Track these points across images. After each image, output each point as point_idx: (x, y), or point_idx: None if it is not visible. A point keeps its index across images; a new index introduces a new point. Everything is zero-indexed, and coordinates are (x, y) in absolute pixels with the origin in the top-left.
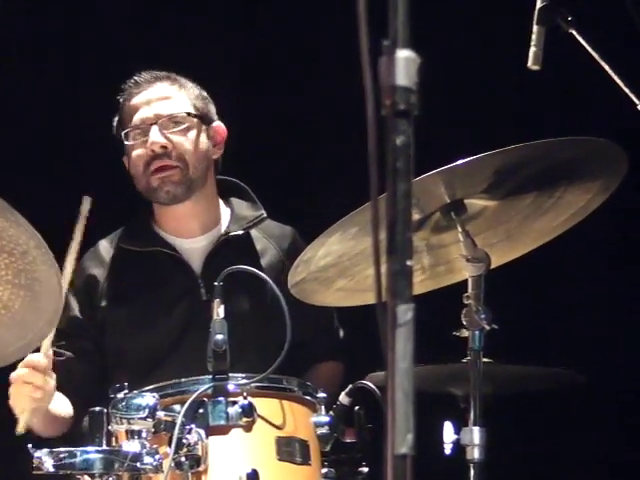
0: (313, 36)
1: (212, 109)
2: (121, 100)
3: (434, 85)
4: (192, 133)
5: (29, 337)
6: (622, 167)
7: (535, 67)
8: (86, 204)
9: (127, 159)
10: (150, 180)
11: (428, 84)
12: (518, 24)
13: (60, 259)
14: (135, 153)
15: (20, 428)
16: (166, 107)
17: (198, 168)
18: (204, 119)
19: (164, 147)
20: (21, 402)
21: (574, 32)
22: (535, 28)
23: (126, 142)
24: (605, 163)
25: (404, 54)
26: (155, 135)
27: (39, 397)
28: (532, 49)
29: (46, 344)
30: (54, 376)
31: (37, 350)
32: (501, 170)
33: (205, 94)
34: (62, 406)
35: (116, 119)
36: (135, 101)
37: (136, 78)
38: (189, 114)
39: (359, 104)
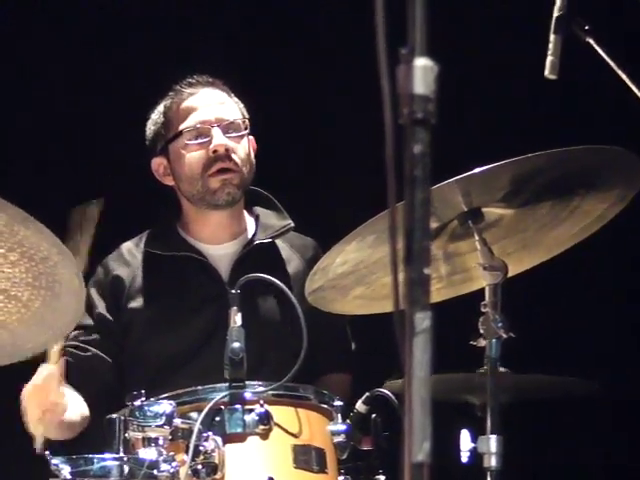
0: (330, 43)
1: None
2: (170, 100)
3: (451, 92)
4: (245, 140)
5: (48, 335)
6: (639, 175)
7: (552, 76)
8: (98, 206)
9: (169, 159)
10: (209, 181)
11: (446, 92)
12: (536, 32)
13: None
14: (193, 154)
15: (38, 445)
16: (225, 112)
17: (249, 175)
18: (247, 129)
19: (227, 150)
20: (34, 420)
21: (591, 41)
22: (552, 37)
23: (177, 141)
24: (622, 172)
25: (422, 62)
26: (220, 137)
27: (51, 415)
28: (549, 58)
29: (55, 355)
30: (64, 389)
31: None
32: (518, 178)
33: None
34: (76, 410)
35: (159, 118)
36: (192, 102)
37: (189, 80)
38: (244, 122)
39: (377, 112)
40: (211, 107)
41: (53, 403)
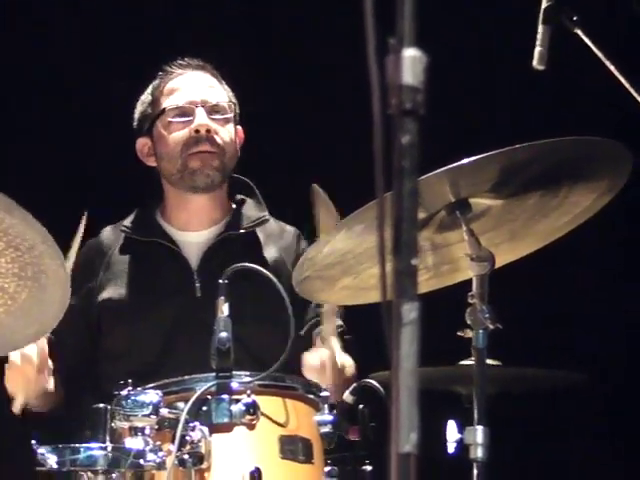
0: (318, 34)
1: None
2: (159, 80)
3: (439, 83)
4: (230, 126)
5: (36, 326)
6: (627, 167)
7: (540, 67)
8: (83, 220)
9: (152, 139)
10: (189, 161)
11: (434, 82)
12: (524, 23)
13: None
14: (174, 133)
15: (15, 409)
16: (212, 94)
17: (231, 160)
18: (236, 117)
19: (209, 131)
20: (14, 387)
21: (579, 32)
22: (540, 28)
23: (161, 120)
24: (609, 163)
25: (411, 53)
26: (202, 117)
27: (31, 387)
28: (537, 49)
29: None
30: (49, 364)
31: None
32: (506, 169)
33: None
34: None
35: (148, 97)
36: (179, 82)
37: (180, 61)
38: (230, 106)
39: (365, 102)
40: (198, 88)
41: (41, 375)
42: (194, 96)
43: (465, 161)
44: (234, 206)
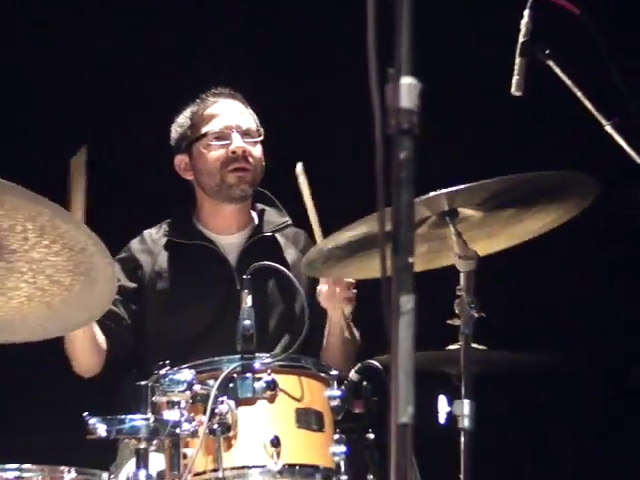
0: (329, 64)
1: None
2: (197, 107)
3: (431, 112)
4: (258, 147)
5: (87, 313)
6: (592, 190)
7: (517, 93)
8: (82, 155)
9: (191, 157)
10: (226, 177)
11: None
12: (506, 57)
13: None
14: (213, 152)
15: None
16: (244, 120)
17: (259, 176)
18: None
19: (244, 152)
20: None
21: (551, 63)
22: (517, 60)
23: (202, 140)
24: (575, 189)
25: (407, 81)
26: (238, 140)
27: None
28: (515, 77)
29: None
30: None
31: None
32: (492, 193)
33: None
34: (101, 340)
35: (185, 122)
36: (216, 109)
37: (214, 91)
38: (258, 131)
39: (368, 123)
40: (232, 115)
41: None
42: (230, 122)
43: (462, 187)
44: (257, 213)
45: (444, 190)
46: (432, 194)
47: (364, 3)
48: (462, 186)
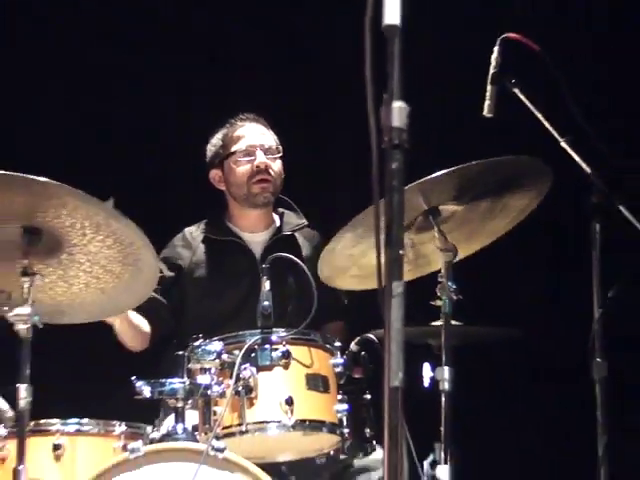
0: (332, 90)
1: None
2: (227, 129)
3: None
4: (278, 162)
5: (134, 297)
6: (548, 180)
7: (489, 115)
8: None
9: (223, 171)
10: (252, 188)
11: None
12: (478, 84)
13: None
14: (241, 167)
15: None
16: (266, 140)
17: (279, 186)
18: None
19: (266, 166)
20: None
21: (516, 91)
22: (489, 87)
23: (231, 157)
24: (535, 176)
25: (398, 104)
26: (262, 157)
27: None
28: (486, 102)
29: None
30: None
31: None
32: (463, 181)
33: None
34: (143, 324)
35: (218, 142)
36: (242, 131)
37: (240, 116)
38: (277, 148)
39: (366, 138)
40: (256, 135)
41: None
42: (254, 141)
43: (432, 175)
44: (278, 216)
45: (416, 182)
46: (406, 187)
47: (362, 33)
48: (432, 175)
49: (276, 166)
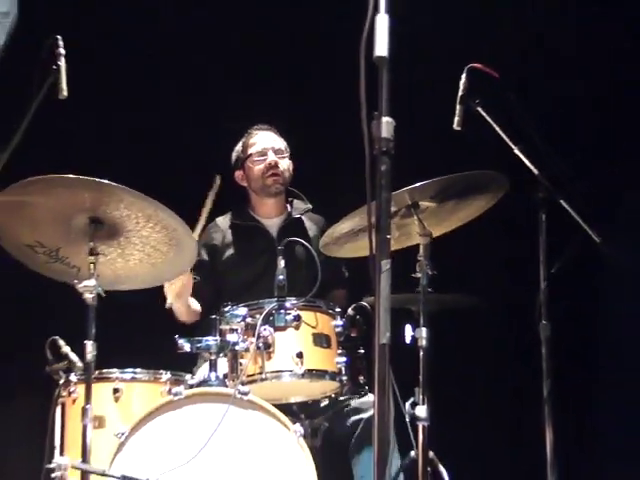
0: (334, 105)
1: None
2: (246, 137)
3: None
4: (286, 160)
5: (176, 269)
6: (504, 186)
7: (457, 128)
8: (217, 182)
9: (244, 170)
10: (266, 180)
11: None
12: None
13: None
14: (257, 166)
15: (167, 305)
16: (276, 143)
17: (288, 179)
18: (289, 155)
19: (276, 164)
20: (168, 293)
21: (480, 110)
22: (457, 106)
23: (249, 159)
24: (493, 184)
25: (386, 119)
26: (273, 156)
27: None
28: (456, 118)
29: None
30: (189, 288)
31: None
32: (438, 188)
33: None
34: (195, 305)
35: (239, 148)
36: (257, 138)
37: (256, 126)
38: (285, 149)
39: (361, 146)
40: (268, 140)
41: (184, 289)
42: (266, 145)
43: (417, 184)
44: (289, 204)
45: (406, 187)
46: (397, 192)
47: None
48: (418, 184)
49: (284, 164)
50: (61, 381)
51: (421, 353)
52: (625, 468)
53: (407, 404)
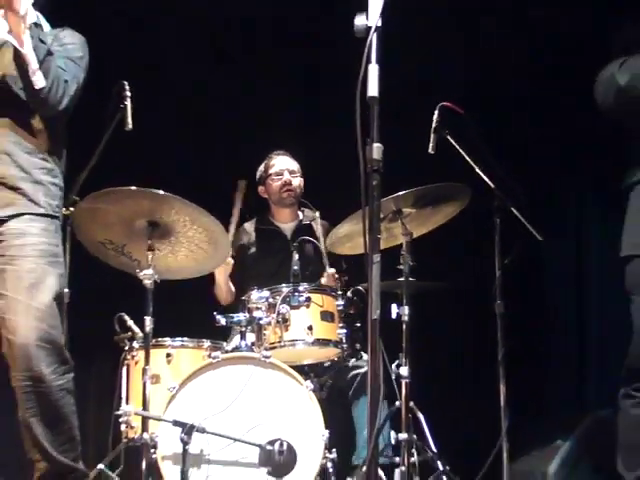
0: (334, 134)
1: None
2: (267, 161)
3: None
4: (298, 178)
5: (215, 261)
6: (468, 195)
7: (432, 152)
8: (242, 185)
9: (265, 186)
10: (282, 195)
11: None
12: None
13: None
14: (275, 183)
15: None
16: (290, 165)
17: (300, 193)
18: (301, 174)
19: (290, 182)
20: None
21: (449, 138)
22: (432, 135)
23: (269, 178)
24: (460, 193)
25: (377, 145)
26: (287, 175)
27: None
28: (431, 144)
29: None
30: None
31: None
32: (417, 197)
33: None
34: (232, 287)
35: (262, 169)
36: (275, 162)
37: (275, 152)
38: (298, 170)
39: (357, 165)
40: (284, 163)
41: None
42: (282, 167)
43: (399, 193)
44: (299, 212)
45: (390, 196)
46: (384, 199)
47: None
48: (399, 193)
49: (297, 181)
50: (126, 348)
51: (404, 326)
52: (562, 413)
53: (393, 365)
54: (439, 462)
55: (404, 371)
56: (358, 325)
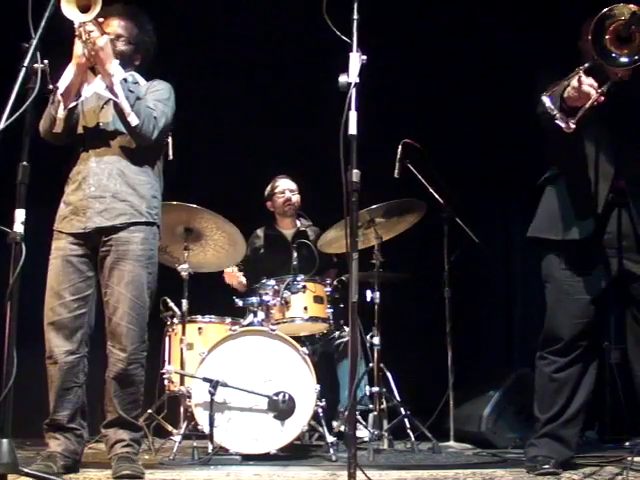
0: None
1: None
2: (273, 182)
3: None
4: (297, 195)
5: (232, 260)
6: (424, 208)
7: (397, 176)
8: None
9: (272, 201)
10: (285, 208)
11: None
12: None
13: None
14: (279, 199)
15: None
16: (291, 185)
17: (298, 207)
18: (299, 191)
19: (290, 198)
20: (229, 279)
21: (410, 166)
22: (397, 164)
23: (274, 195)
24: (418, 207)
25: (355, 171)
26: (289, 194)
27: (236, 280)
28: (396, 171)
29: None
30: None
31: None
32: (385, 210)
33: None
34: (244, 280)
35: (269, 189)
36: (279, 183)
37: (279, 175)
38: (297, 189)
39: (340, 186)
40: (286, 184)
41: (235, 275)
42: (285, 187)
43: (372, 207)
44: (297, 221)
45: (365, 209)
46: (361, 211)
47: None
48: (373, 206)
49: (295, 198)
50: (168, 323)
51: (376, 307)
52: (494, 372)
53: (368, 336)
54: (402, 408)
55: (376, 340)
56: (342, 306)
